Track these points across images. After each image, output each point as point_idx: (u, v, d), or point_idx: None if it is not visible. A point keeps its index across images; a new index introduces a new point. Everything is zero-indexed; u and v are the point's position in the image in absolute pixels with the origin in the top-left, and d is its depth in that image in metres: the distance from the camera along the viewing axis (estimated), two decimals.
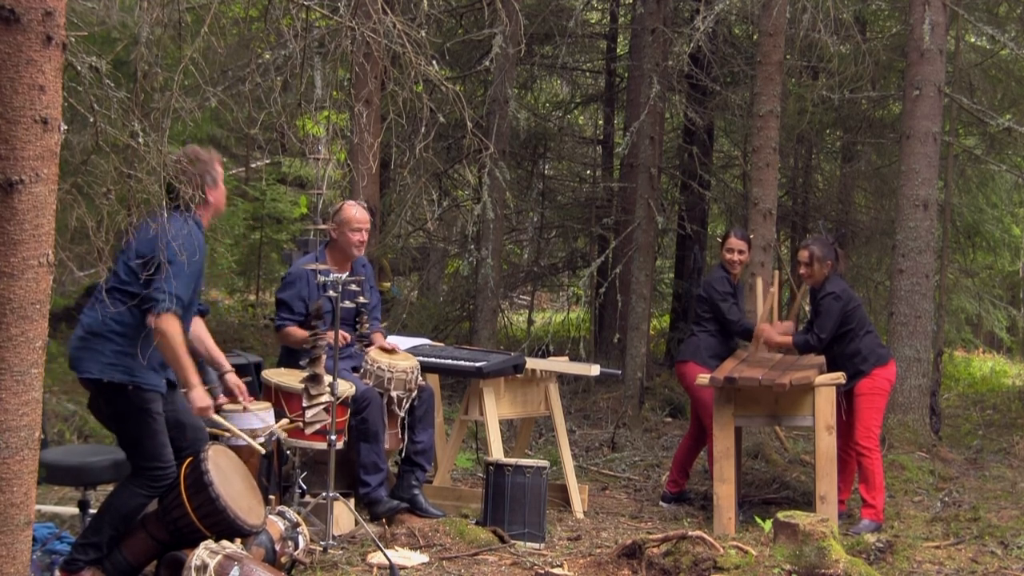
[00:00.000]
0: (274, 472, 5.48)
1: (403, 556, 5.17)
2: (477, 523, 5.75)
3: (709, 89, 10.96)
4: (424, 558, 5.19)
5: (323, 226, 5.71)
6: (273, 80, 6.29)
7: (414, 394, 5.90)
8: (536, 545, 5.62)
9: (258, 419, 5.11)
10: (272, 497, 5.13)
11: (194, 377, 4.56)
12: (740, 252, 6.99)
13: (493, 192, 9.41)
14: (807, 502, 6.68)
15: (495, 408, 6.30)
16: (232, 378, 5.05)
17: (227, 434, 4.99)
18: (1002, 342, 16.92)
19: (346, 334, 5.68)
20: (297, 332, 5.70)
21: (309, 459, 5.88)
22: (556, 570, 5.12)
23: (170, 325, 4.35)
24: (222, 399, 5.37)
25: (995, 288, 16.07)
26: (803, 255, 6.53)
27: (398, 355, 6.03)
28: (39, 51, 3.08)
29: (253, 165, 13.60)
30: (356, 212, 5.94)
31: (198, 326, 4.93)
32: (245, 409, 5.06)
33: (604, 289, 11.13)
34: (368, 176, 7.78)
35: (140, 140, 3.94)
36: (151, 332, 4.36)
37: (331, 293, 5.28)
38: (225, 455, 4.70)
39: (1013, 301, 17.58)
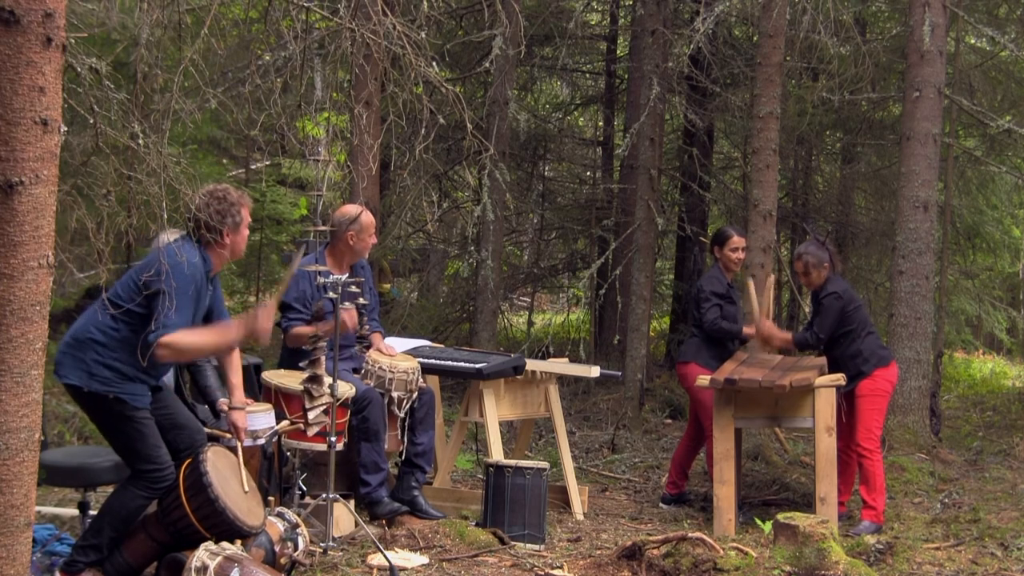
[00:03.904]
0: (274, 473, 5.48)
1: (403, 557, 5.17)
2: (477, 524, 5.76)
3: (709, 90, 10.96)
4: (424, 559, 5.19)
5: (323, 227, 5.71)
6: (273, 81, 6.29)
7: (415, 395, 5.90)
8: (536, 546, 5.62)
9: (261, 420, 5.12)
10: (272, 498, 5.13)
11: (224, 338, 4.57)
12: (744, 249, 7.04)
13: (493, 193, 9.41)
14: (807, 503, 6.68)
15: (495, 409, 6.30)
16: (236, 416, 4.90)
17: (227, 435, 4.99)
18: (1002, 344, 16.93)
19: (354, 315, 5.63)
20: (306, 331, 5.68)
21: (309, 460, 5.88)
22: (556, 571, 5.12)
23: (167, 342, 4.32)
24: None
25: (995, 290, 16.07)
26: (798, 266, 6.53)
27: (399, 356, 6.03)
28: (39, 53, 3.08)
29: (253, 167, 13.59)
30: (370, 216, 5.97)
31: (233, 357, 4.92)
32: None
33: (604, 291, 11.13)
34: (368, 177, 7.78)
35: (140, 141, 3.95)
36: (138, 345, 4.35)
37: (331, 294, 5.28)
38: (224, 456, 4.70)
39: (1013, 303, 17.59)
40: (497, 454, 6.15)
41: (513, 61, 9.84)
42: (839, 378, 6.14)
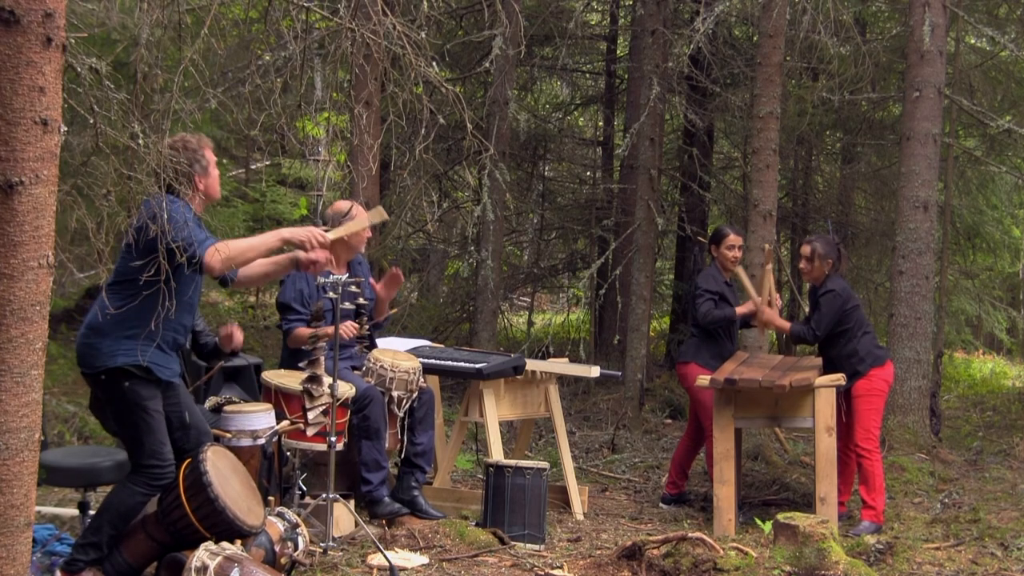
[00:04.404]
0: (274, 473, 5.48)
1: (403, 557, 5.17)
2: (477, 524, 5.76)
3: (709, 90, 10.96)
4: (424, 559, 5.19)
5: (322, 227, 5.70)
6: (273, 81, 6.28)
7: (415, 395, 5.90)
8: (536, 546, 5.62)
9: (261, 420, 5.12)
10: (272, 498, 5.13)
11: (274, 238, 4.54)
12: (740, 248, 7.03)
13: (493, 193, 9.41)
14: (807, 503, 6.68)
15: (495, 409, 6.30)
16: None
17: (227, 435, 5.00)
18: (1002, 343, 16.95)
19: (354, 325, 5.64)
20: (307, 332, 5.68)
21: (309, 460, 5.88)
22: (556, 571, 5.12)
23: (216, 254, 4.32)
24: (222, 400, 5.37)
25: (995, 290, 16.09)
26: (805, 250, 6.53)
27: (401, 355, 6.03)
28: (39, 53, 3.08)
29: (253, 167, 13.60)
30: (361, 211, 5.97)
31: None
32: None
33: (604, 291, 11.13)
34: (368, 177, 7.78)
35: (140, 141, 3.95)
36: (156, 318, 4.31)
37: (331, 294, 5.28)
38: (224, 456, 4.70)
39: (1013, 303, 17.61)
40: (497, 454, 6.15)
41: (513, 61, 9.84)
42: (839, 378, 6.14)
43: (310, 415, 5.30)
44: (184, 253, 4.22)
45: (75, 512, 5.33)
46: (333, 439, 5.24)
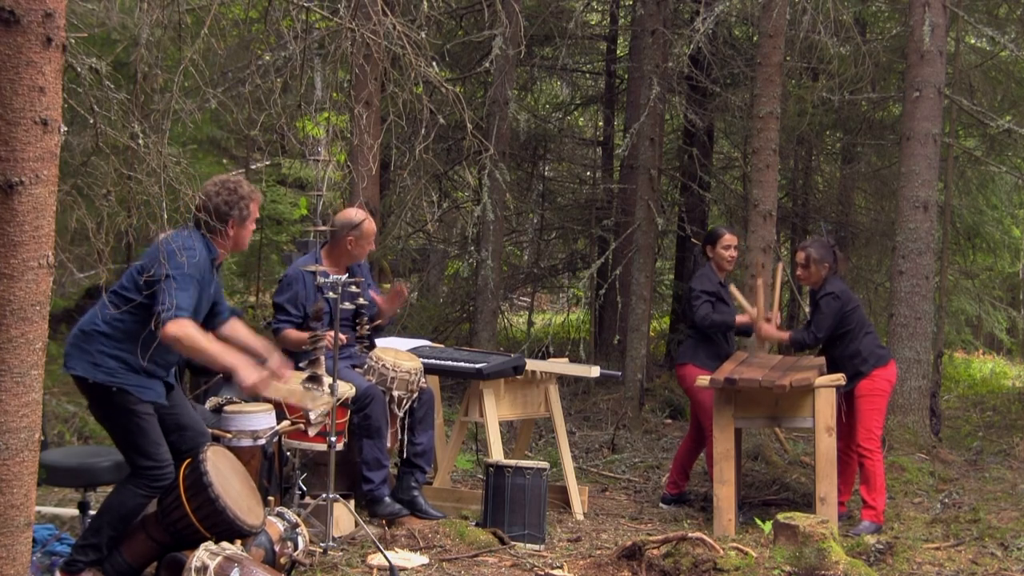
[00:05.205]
0: (274, 473, 5.48)
1: (403, 557, 5.17)
2: (477, 524, 5.76)
3: (709, 90, 10.96)
4: (424, 559, 5.19)
5: (323, 228, 5.71)
6: (273, 81, 6.29)
7: (415, 395, 5.90)
8: (536, 546, 5.62)
9: (261, 420, 5.12)
10: (272, 498, 5.13)
11: (230, 359, 4.46)
12: (736, 248, 7.03)
13: (493, 193, 9.41)
14: (807, 503, 6.68)
15: (495, 409, 6.30)
16: (275, 361, 4.77)
17: (228, 435, 4.99)
18: (1002, 344, 16.95)
19: (343, 334, 5.67)
20: (294, 334, 5.70)
21: (309, 460, 5.88)
22: (556, 571, 5.12)
23: (179, 328, 4.30)
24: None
25: (995, 290, 16.09)
26: (800, 257, 6.54)
27: (403, 355, 6.03)
28: (39, 52, 3.08)
29: (253, 167, 13.58)
30: (372, 225, 6.00)
31: (237, 328, 4.87)
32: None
33: (604, 291, 11.14)
34: (368, 177, 7.78)
35: (140, 141, 3.95)
36: (144, 339, 4.34)
37: (330, 295, 5.28)
38: (224, 456, 4.70)
39: (1013, 303, 17.61)
40: (497, 454, 6.15)
41: (513, 61, 9.84)
42: (839, 378, 6.14)
43: (311, 415, 5.30)
44: (160, 306, 4.24)
45: (75, 512, 5.33)
46: (333, 439, 5.24)
